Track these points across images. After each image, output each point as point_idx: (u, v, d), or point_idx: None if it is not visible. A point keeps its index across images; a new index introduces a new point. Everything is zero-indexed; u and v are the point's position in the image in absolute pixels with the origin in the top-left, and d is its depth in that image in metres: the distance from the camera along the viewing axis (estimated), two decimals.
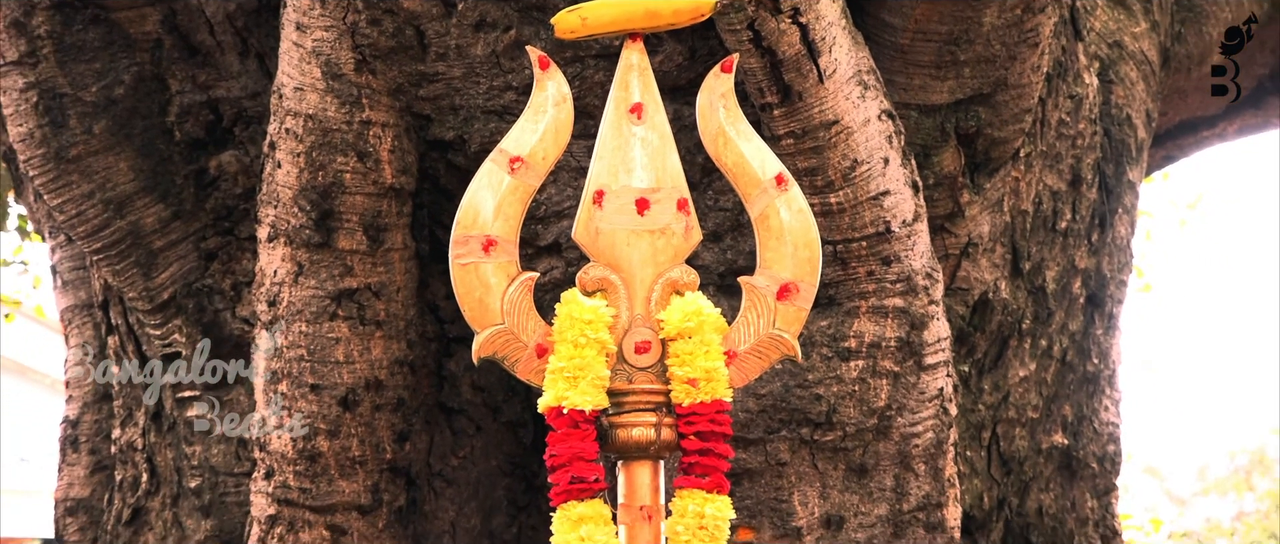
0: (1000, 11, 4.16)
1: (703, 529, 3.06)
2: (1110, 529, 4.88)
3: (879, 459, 4.14)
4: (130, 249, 4.55)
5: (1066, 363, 4.80)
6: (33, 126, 4.50)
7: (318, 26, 4.02)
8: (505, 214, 3.15)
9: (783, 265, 3.17)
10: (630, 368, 3.10)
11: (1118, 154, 4.92)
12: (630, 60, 3.19)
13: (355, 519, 4.16)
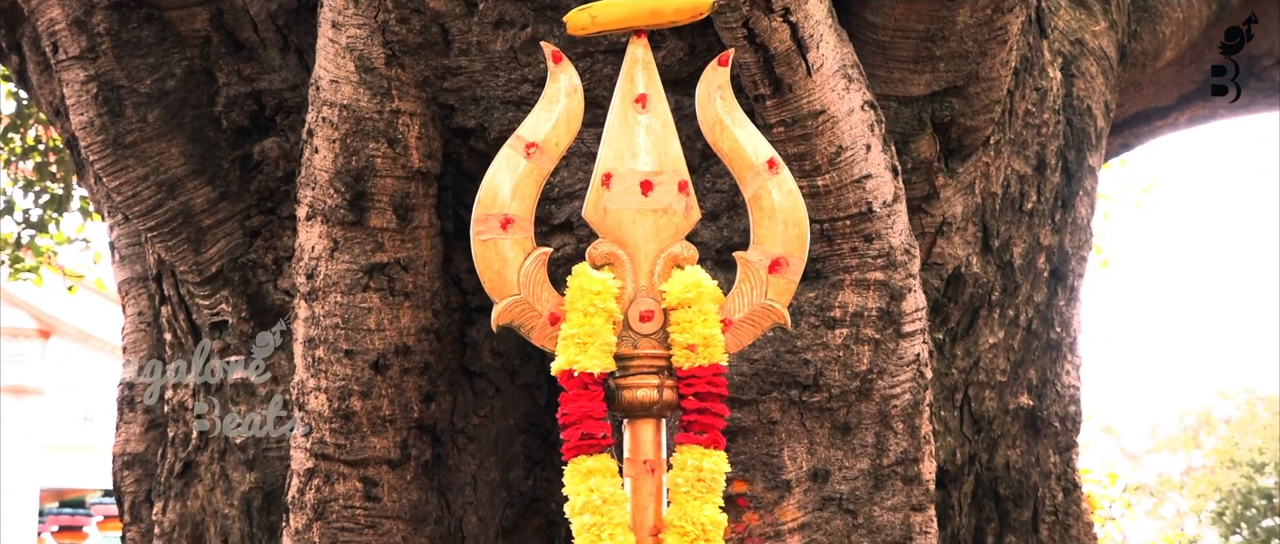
0: (972, 11, 4.16)
1: (701, 481, 3.07)
2: (1071, 482, 4.89)
3: (861, 418, 4.15)
4: (181, 227, 4.56)
5: (1031, 331, 4.80)
6: (92, 115, 4.50)
7: (351, 24, 4.02)
8: (522, 195, 3.15)
9: (774, 242, 3.18)
10: (635, 335, 3.11)
11: (1079, 141, 4.92)
12: (635, 55, 3.19)
13: (385, 472, 4.16)
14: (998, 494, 4.71)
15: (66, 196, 11.15)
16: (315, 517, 4.14)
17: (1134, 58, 5.39)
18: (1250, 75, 6.26)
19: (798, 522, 4.11)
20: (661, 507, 3.10)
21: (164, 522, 4.81)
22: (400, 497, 4.18)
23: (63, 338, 22.07)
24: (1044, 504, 4.80)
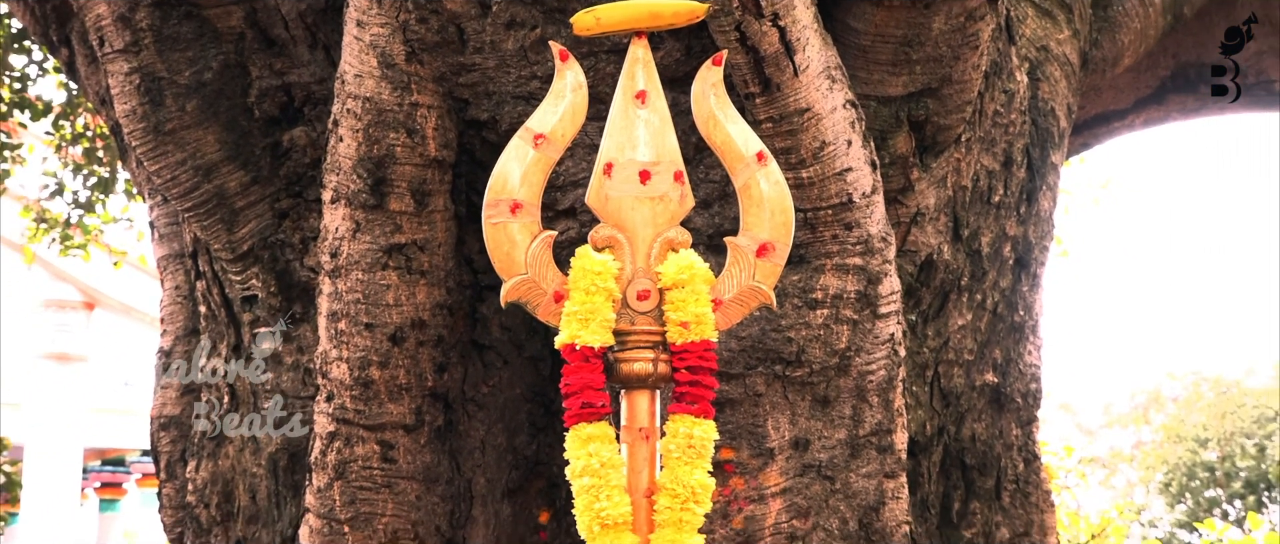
0: (947, 19, 4.16)
1: (691, 448, 3.08)
2: (1031, 453, 4.89)
3: (840, 392, 4.15)
4: (216, 208, 4.56)
5: (997, 314, 4.80)
6: (135, 104, 4.50)
7: (375, 23, 4.02)
8: (530, 182, 3.16)
9: (762, 228, 3.18)
10: (632, 312, 3.12)
11: (1043, 140, 4.91)
12: (636, 54, 3.21)
13: (401, 436, 4.16)
14: (964, 464, 4.71)
15: (112, 179, 11.16)
16: (336, 476, 4.14)
17: (1094, 64, 5.39)
18: (1201, 81, 6.26)
19: (780, 487, 4.11)
20: (655, 471, 3.10)
21: (197, 479, 4.82)
22: (414, 459, 4.18)
23: (106, 309, 22.07)
24: (1006, 473, 4.80)
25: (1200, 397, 35.59)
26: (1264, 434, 33.93)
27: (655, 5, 3.25)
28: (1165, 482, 34.74)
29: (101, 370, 22.88)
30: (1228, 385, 35.53)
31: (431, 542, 4.22)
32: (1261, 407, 34.39)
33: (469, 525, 4.29)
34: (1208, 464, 34.47)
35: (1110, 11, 5.35)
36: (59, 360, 21.99)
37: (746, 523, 4.09)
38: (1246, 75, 6.18)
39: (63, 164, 11.27)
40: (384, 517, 4.15)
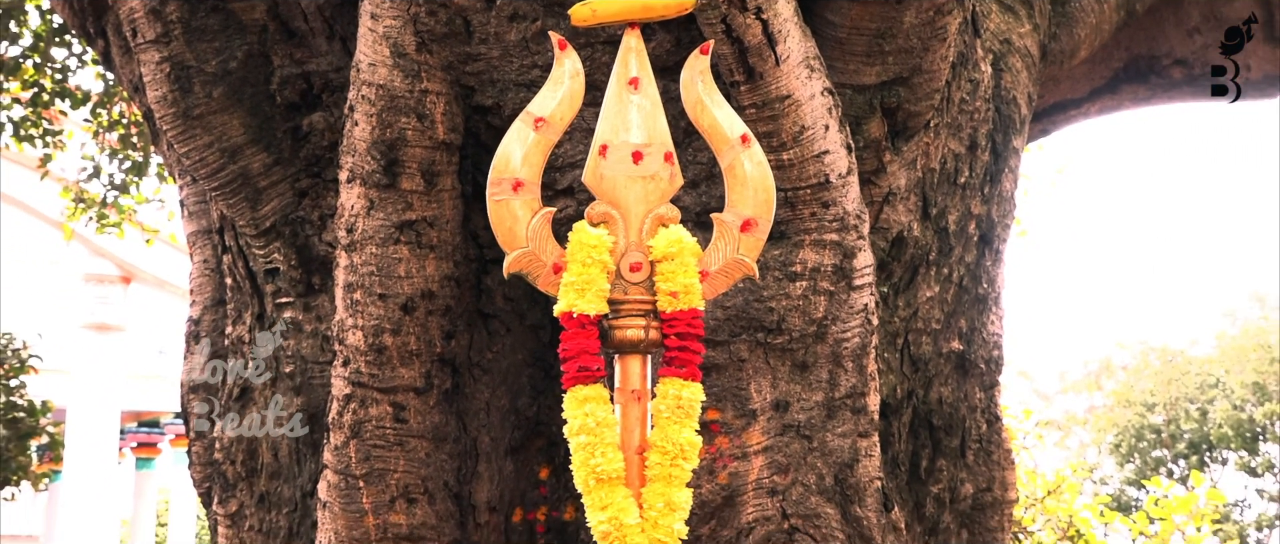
0: (917, 13, 4.16)
1: (680, 408, 3.10)
2: (993, 415, 4.89)
3: (817, 358, 4.15)
4: (241, 187, 4.56)
5: (962, 287, 4.79)
6: (166, 91, 4.49)
7: (387, 16, 4.02)
8: (530, 162, 3.17)
9: (746, 205, 3.19)
10: (626, 283, 3.13)
11: (1005, 126, 4.91)
12: (629, 44, 3.22)
13: (412, 398, 4.15)
14: (932, 424, 4.71)
15: (145, 163, 11.16)
16: (352, 435, 4.14)
17: (1053, 56, 5.38)
18: (1151, 72, 6.25)
19: (762, 445, 4.11)
20: (646, 429, 3.11)
21: (223, 439, 4.81)
22: (424, 419, 4.18)
23: (141, 283, 22.06)
24: (970, 433, 4.80)
25: (1148, 365, 35.70)
26: (1206, 399, 34.04)
27: None
28: (1115, 443, 34.86)
29: (137, 339, 22.87)
30: (1173, 354, 35.64)
31: (440, 496, 4.22)
32: (1203, 374, 34.49)
33: (474, 481, 4.29)
34: (1154, 427, 34.59)
35: (1068, 7, 5.34)
36: (98, 330, 21.99)
37: (731, 478, 4.09)
38: (1194, 66, 6.18)
39: (100, 149, 11.27)
40: (396, 473, 4.15)
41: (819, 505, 4.15)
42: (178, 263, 18.93)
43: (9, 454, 10.94)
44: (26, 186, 16.83)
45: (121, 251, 20.23)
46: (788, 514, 4.12)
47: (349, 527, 4.17)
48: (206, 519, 5.07)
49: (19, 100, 10.64)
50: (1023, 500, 12.30)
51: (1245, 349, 34.08)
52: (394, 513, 4.15)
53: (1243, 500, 33.97)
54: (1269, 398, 32.96)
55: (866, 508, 4.23)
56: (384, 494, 4.15)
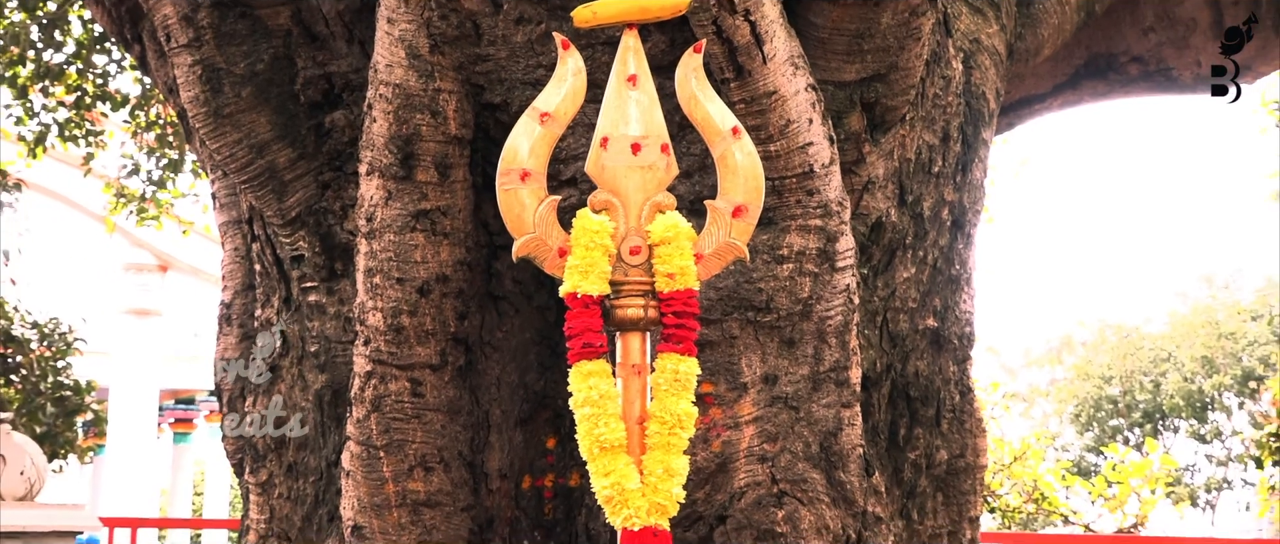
0: (893, 15, 4.15)
1: (677, 381, 3.09)
2: (966, 387, 4.88)
3: (803, 335, 4.14)
4: (268, 180, 4.54)
5: (937, 268, 4.78)
6: (198, 92, 4.49)
7: (403, 20, 4.01)
8: (536, 154, 3.16)
9: (737, 193, 3.19)
10: (626, 265, 3.12)
11: (975, 119, 4.90)
12: (628, 43, 3.21)
13: (428, 374, 4.15)
14: (908, 396, 4.70)
15: (180, 160, 11.17)
16: (372, 409, 4.13)
17: (1019, 54, 5.37)
18: (1109, 69, 6.24)
19: (752, 415, 4.11)
20: (646, 401, 3.10)
21: (254, 414, 4.80)
22: (440, 394, 4.17)
23: (177, 271, 22.08)
24: (944, 404, 4.79)
25: (1105, 341, 35.78)
26: (1159, 372, 34.12)
27: (644, 1, 3.26)
28: (1075, 413, 34.96)
29: (174, 323, 22.91)
30: (1128, 331, 35.72)
31: (455, 465, 4.21)
32: (1156, 349, 34.58)
33: (486, 450, 4.28)
34: (1111, 398, 34.68)
35: (1032, 9, 5.32)
36: (138, 315, 22.01)
37: (724, 446, 4.08)
38: (1149, 63, 6.16)
39: (139, 147, 11.28)
40: (414, 443, 4.14)
41: (806, 471, 4.15)
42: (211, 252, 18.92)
43: (57, 430, 10.94)
44: (71, 183, 16.83)
45: (159, 242, 20.25)
46: (777, 479, 4.11)
47: (371, 493, 4.16)
48: (239, 488, 5.06)
49: (63, 103, 10.65)
50: (992, 466, 12.31)
51: (1195, 326, 34.16)
52: (412, 480, 4.15)
53: (1193, 465, 34.07)
54: (1217, 371, 33.04)
55: (849, 473, 4.23)
56: (403, 463, 4.14)
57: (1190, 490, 32.42)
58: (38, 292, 12.58)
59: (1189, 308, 35.24)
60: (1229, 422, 33.88)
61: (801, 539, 4.11)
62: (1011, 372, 34.95)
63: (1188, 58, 6.19)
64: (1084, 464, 32.04)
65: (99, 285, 21.79)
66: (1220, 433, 33.98)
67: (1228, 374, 32.82)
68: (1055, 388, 36.03)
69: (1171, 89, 6.33)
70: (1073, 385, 35.47)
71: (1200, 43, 6.15)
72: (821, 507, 4.16)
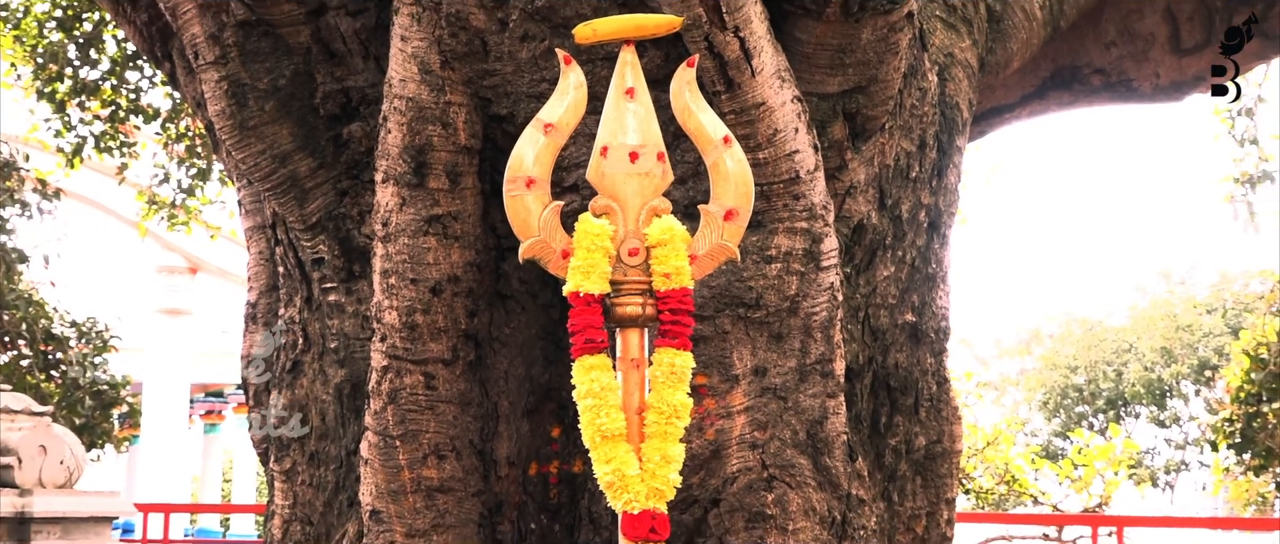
0: (873, 31, 4.15)
1: (673, 374, 3.10)
2: (942, 377, 4.87)
3: (790, 330, 4.13)
4: (290, 188, 4.53)
5: (914, 267, 4.78)
6: (224, 105, 4.48)
7: (416, 38, 4.01)
8: (541, 162, 3.16)
9: (728, 197, 3.19)
10: (625, 266, 3.13)
11: (949, 128, 4.89)
12: (626, 59, 3.22)
13: (440, 368, 4.14)
14: (889, 386, 4.69)
15: (208, 169, 11.16)
16: (389, 401, 4.12)
17: (989, 67, 5.36)
18: (1074, 80, 6.23)
19: (743, 405, 4.10)
20: (644, 393, 3.10)
21: (278, 406, 4.79)
22: (452, 386, 4.16)
23: (206, 273, 22.06)
24: (922, 393, 4.78)
25: (1070, 333, 35.80)
26: (1121, 362, 34.14)
27: (640, 19, 3.28)
28: (1043, 401, 34.97)
29: (204, 321, 22.91)
30: (1092, 324, 35.74)
31: (466, 453, 4.21)
32: (1118, 340, 34.60)
33: (495, 439, 4.27)
34: (1077, 386, 34.69)
35: (1002, 25, 5.31)
36: (170, 314, 22.00)
37: (717, 434, 4.08)
38: (1110, 75, 6.16)
39: (169, 157, 11.27)
40: (427, 433, 4.13)
41: (793, 457, 4.14)
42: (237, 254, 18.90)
43: (94, 422, 10.93)
44: (107, 191, 16.81)
45: (189, 246, 20.23)
46: (767, 465, 4.10)
47: (388, 480, 4.16)
48: (265, 476, 5.06)
49: (99, 117, 10.64)
50: (966, 451, 12.31)
51: (1154, 319, 34.17)
52: (426, 468, 4.14)
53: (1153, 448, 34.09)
54: (1175, 360, 33.05)
55: (834, 459, 4.22)
56: (417, 451, 4.13)
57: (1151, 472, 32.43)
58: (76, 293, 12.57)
59: (1148, 302, 35.26)
60: (1186, 408, 33.91)
61: (790, 521, 4.10)
62: (984, 362, 34.94)
63: (1147, 70, 6.18)
64: (1052, 448, 32.04)
65: (133, 286, 21.78)
66: (1178, 418, 34.00)
67: (1185, 364, 32.83)
68: (1024, 377, 36.04)
69: (1132, 99, 6.33)
70: (1041, 375, 35.49)
71: (1158, 56, 6.15)
72: (808, 490, 4.15)
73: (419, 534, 4.17)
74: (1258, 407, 11.40)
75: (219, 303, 22.37)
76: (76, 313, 11.35)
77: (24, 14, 10.38)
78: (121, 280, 21.80)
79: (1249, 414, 11.40)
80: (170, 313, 22.00)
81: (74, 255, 13.71)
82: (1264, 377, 11.32)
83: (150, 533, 10.84)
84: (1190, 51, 6.13)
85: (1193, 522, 15.26)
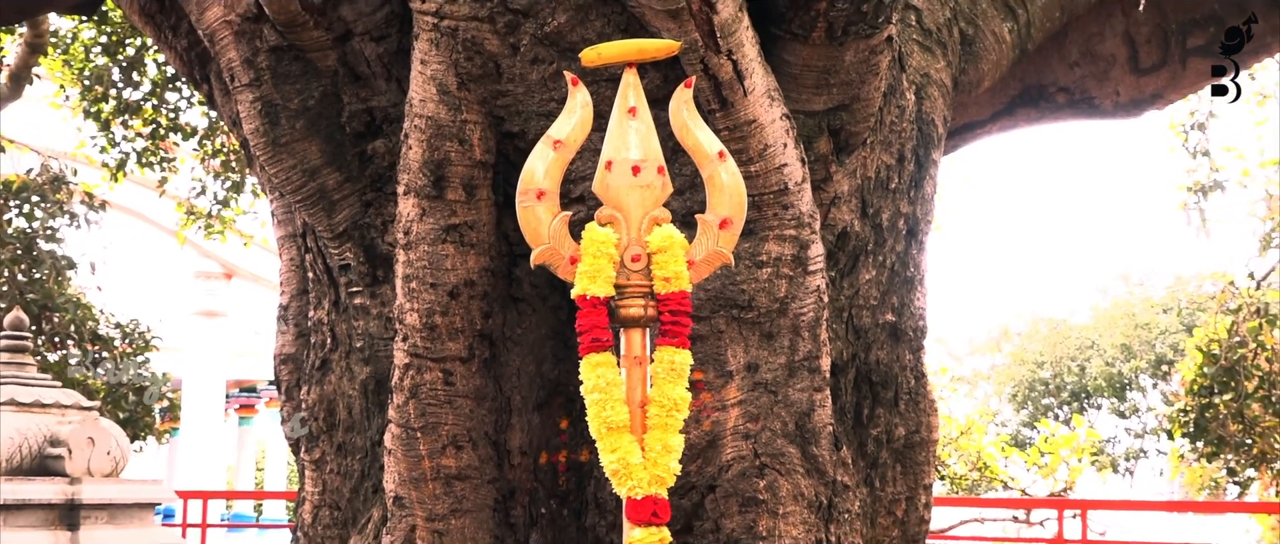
0: (855, 54, 4.15)
1: (673, 371, 3.10)
2: (919, 372, 4.86)
3: (780, 329, 4.13)
4: (319, 200, 4.53)
5: (894, 271, 4.77)
6: (258, 124, 4.47)
7: (434, 62, 4.01)
8: (550, 176, 3.16)
9: (723, 208, 3.19)
10: (628, 271, 3.13)
11: (926, 143, 4.88)
12: (628, 80, 3.22)
13: (458, 365, 4.13)
14: (871, 380, 4.68)
15: (242, 182, 11.16)
16: (410, 396, 4.12)
17: (962, 86, 5.35)
18: (1041, 98, 6.22)
19: (737, 399, 4.10)
20: (646, 388, 3.10)
21: (308, 400, 4.79)
22: (468, 382, 4.16)
23: (240, 278, 22.04)
24: (902, 387, 4.78)
25: (1037, 331, 35.73)
26: (1083, 358, 34.08)
27: (642, 44, 3.29)
28: (1012, 393, 34.90)
29: (238, 323, 22.88)
30: (1057, 322, 35.69)
31: (481, 443, 4.20)
32: (1081, 338, 34.54)
33: (508, 430, 4.27)
34: (1043, 380, 34.63)
35: (974, 48, 5.31)
36: (207, 316, 21.97)
37: (713, 425, 4.08)
38: (1074, 93, 6.15)
39: (206, 172, 11.26)
40: (446, 425, 4.13)
41: (783, 446, 4.14)
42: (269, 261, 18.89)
43: (138, 415, 10.91)
44: (148, 203, 16.79)
45: (224, 253, 20.21)
46: (759, 454, 4.10)
47: (409, 468, 4.15)
48: (295, 465, 5.05)
49: (141, 135, 10.64)
50: (942, 440, 12.30)
51: (1114, 317, 34.13)
52: (445, 457, 4.14)
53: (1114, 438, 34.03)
54: (1134, 356, 33.01)
55: (821, 447, 4.22)
56: (437, 442, 4.13)
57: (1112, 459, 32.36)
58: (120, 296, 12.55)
59: (1109, 302, 35.21)
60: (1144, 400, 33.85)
61: (780, 505, 4.10)
62: (958, 358, 34.86)
63: (1108, 88, 6.17)
64: (1020, 437, 31.97)
65: (172, 291, 21.76)
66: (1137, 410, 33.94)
67: (1143, 359, 32.79)
68: (995, 372, 35.95)
69: (1094, 115, 6.31)
70: (1010, 370, 35.41)
71: (1118, 75, 6.14)
72: (797, 476, 4.15)
73: (438, 518, 4.16)
74: (1210, 398, 11.39)
75: (252, 306, 22.34)
76: (121, 315, 11.33)
77: (72, 40, 10.38)
78: (162, 285, 21.79)
79: (1202, 406, 11.38)
80: (207, 315, 21.97)
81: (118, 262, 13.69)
82: (1216, 371, 11.31)
83: (190, 517, 10.84)
84: (1148, 71, 6.13)
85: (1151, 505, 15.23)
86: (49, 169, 10.70)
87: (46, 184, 10.58)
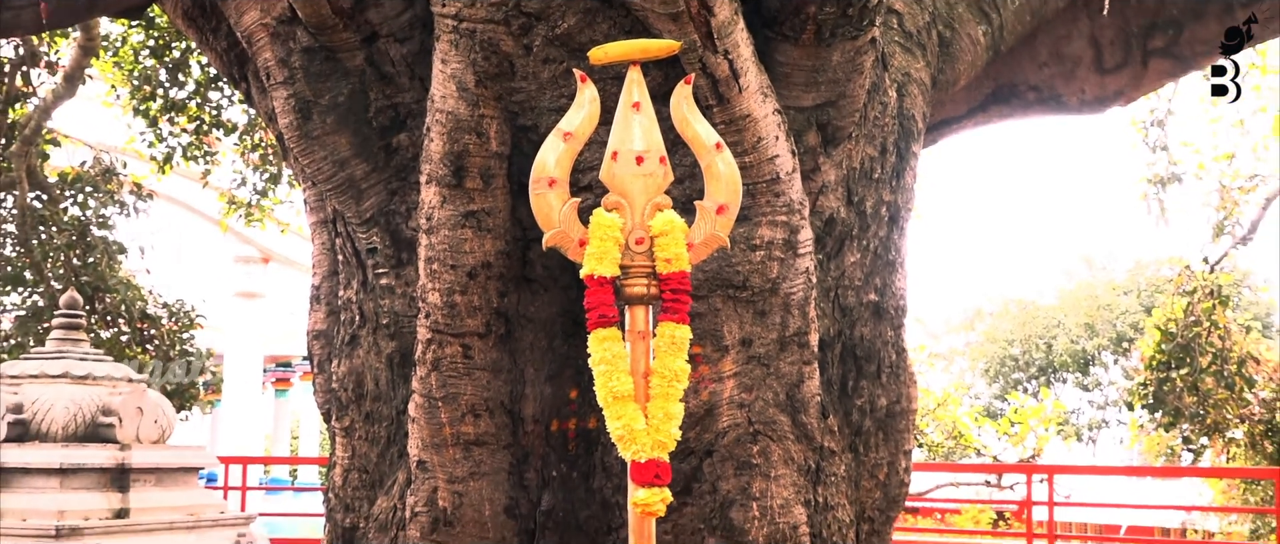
0: (842, 54, 4.14)
1: (673, 344, 3.09)
2: (900, 348, 4.85)
3: (772, 307, 4.12)
4: (348, 188, 4.52)
5: (877, 254, 4.76)
6: (292, 119, 4.46)
7: (454, 61, 3.99)
8: (561, 166, 3.16)
9: (720, 195, 3.18)
10: (633, 253, 3.12)
11: (907, 136, 4.87)
12: (633, 77, 3.21)
13: (476, 341, 4.13)
14: (856, 355, 4.68)
15: (279, 174, 11.14)
16: (432, 368, 4.12)
17: (940, 85, 5.33)
18: (1012, 96, 6.21)
19: (732, 371, 4.09)
20: (649, 360, 3.09)
21: (338, 373, 4.79)
22: (486, 356, 4.16)
23: (277, 262, 22.04)
24: (884, 362, 4.77)
25: (1008, 311, 35.75)
26: (1050, 336, 34.09)
27: (645, 44, 3.28)
28: (985, 368, 34.92)
29: (275, 303, 22.89)
30: (1026, 303, 35.70)
31: (498, 412, 4.21)
32: (1048, 317, 34.55)
33: (522, 400, 4.27)
34: (1013, 356, 34.64)
35: (951, 49, 5.28)
36: (246, 297, 21.99)
37: (710, 395, 4.07)
38: (1043, 91, 6.13)
39: (246, 164, 11.25)
40: (465, 395, 4.13)
41: (775, 415, 4.14)
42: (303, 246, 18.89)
43: (183, 387, 10.93)
44: (192, 193, 16.78)
45: (262, 239, 20.20)
46: (752, 421, 4.10)
47: (432, 435, 4.15)
48: (327, 432, 5.05)
49: (186, 130, 10.63)
50: (920, 411, 12.30)
51: (1079, 298, 34.14)
52: (464, 425, 4.14)
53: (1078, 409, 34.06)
54: (1096, 334, 33.03)
55: (810, 416, 4.22)
56: (457, 411, 4.13)
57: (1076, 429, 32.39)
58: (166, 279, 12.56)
59: (1074, 284, 35.22)
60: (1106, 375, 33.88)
61: (772, 469, 4.10)
62: (935, 336, 34.89)
63: (1074, 87, 6.15)
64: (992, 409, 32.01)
65: (214, 274, 21.77)
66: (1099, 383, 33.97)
67: (1105, 337, 32.80)
68: (969, 349, 35.99)
69: (1062, 111, 6.30)
70: (982, 347, 35.44)
71: (1084, 75, 6.12)
72: (788, 443, 4.15)
73: (458, 481, 4.17)
74: (1167, 373, 11.39)
75: (288, 287, 22.34)
76: (167, 296, 11.34)
77: (122, 43, 10.37)
78: (205, 269, 21.80)
79: (1160, 380, 11.39)
80: (246, 296, 21.98)
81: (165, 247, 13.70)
82: (1172, 348, 11.32)
83: (231, 481, 10.86)
84: (1111, 71, 6.11)
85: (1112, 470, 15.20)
86: (101, 162, 10.71)
87: (99, 176, 10.59)
